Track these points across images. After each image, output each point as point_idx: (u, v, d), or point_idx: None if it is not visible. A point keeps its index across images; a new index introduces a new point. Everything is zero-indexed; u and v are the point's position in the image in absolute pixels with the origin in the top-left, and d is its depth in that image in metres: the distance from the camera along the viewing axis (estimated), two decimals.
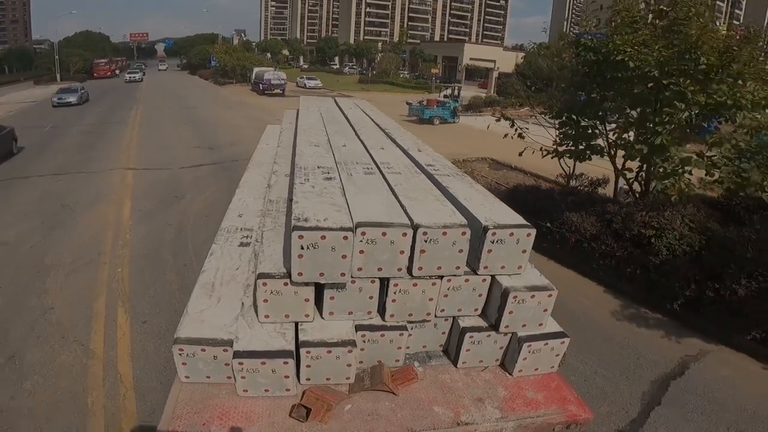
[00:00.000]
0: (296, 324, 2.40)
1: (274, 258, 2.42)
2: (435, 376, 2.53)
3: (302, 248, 2.17)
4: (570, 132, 8.88)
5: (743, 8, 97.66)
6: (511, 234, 2.42)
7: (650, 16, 7.85)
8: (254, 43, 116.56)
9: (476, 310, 2.59)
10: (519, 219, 2.53)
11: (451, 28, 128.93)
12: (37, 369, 5.71)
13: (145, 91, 44.90)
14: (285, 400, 2.26)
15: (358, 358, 2.41)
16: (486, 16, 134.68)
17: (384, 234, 2.25)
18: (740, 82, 6.85)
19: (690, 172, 7.76)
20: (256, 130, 18.53)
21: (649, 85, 7.32)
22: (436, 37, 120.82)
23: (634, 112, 7.96)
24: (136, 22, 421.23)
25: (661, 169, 7.57)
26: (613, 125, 8.73)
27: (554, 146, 9.29)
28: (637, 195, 8.98)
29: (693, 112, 7.15)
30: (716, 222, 8.12)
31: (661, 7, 7.73)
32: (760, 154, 7.27)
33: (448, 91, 31.21)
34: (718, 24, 8.78)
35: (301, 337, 2.32)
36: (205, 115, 27.72)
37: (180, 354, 2.26)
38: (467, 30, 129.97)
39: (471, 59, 68.74)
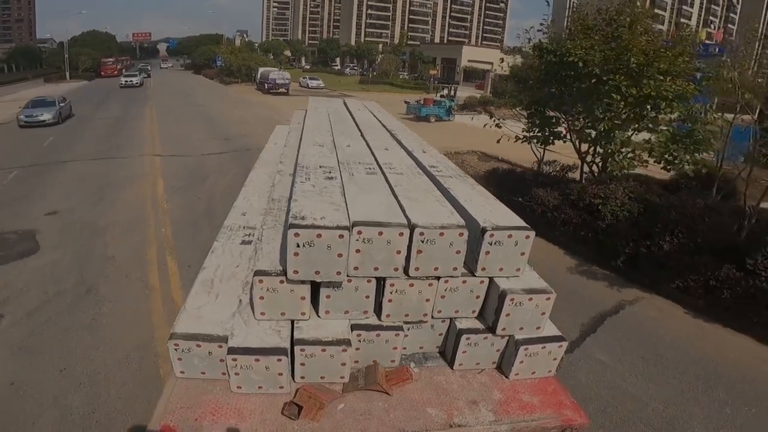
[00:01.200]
0: (292, 322, 2.43)
1: (272, 256, 2.43)
2: (430, 377, 2.55)
3: (298, 246, 2.20)
4: (536, 121, 10.61)
5: (738, 11, 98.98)
6: (510, 236, 2.42)
7: (603, 23, 9.58)
8: (257, 44, 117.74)
9: (474, 312, 2.60)
10: (518, 221, 2.53)
11: (451, 30, 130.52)
12: (110, 298, 7.35)
13: (153, 90, 46.32)
14: (278, 397, 2.29)
15: (353, 357, 2.43)
16: (486, 18, 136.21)
17: (380, 233, 2.27)
18: (661, 77, 8.55)
19: (638, 154, 9.48)
20: (264, 124, 20.39)
21: (593, 81, 9.03)
22: (437, 39, 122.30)
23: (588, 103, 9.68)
24: (137, 21, 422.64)
25: (609, 150, 9.26)
26: (572, 115, 10.45)
27: (523, 133, 11.01)
28: (596, 174, 10.66)
29: (630, 103, 8.82)
30: (657, 196, 9.79)
31: (610, 15, 9.47)
32: (689, 138, 8.99)
33: (445, 92, 32.62)
34: (661, 28, 10.45)
35: (296, 335, 2.35)
36: (216, 112, 29.37)
37: (175, 349, 2.29)
38: (467, 32, 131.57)
39: (469, 61, 70.46)
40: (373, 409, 2.30)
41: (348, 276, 2.34)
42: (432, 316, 2.55)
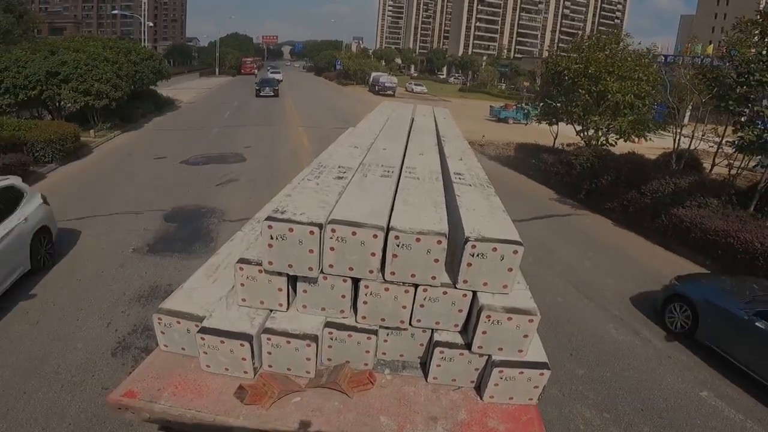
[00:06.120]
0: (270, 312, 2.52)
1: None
2: (400, 386, 2.50)
3: (272, 238, 2.28)
4: (546, 109, 16.27)
5: None
6: (495, 249, 2.31)
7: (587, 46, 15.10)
8: (371, 51, 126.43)
9: (456, 325, 2.52)
10: (510, 234, 2.41)
11: (561, 45, 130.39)
12: (287, 178, 14.20)
13: (287, 87, 55.65)
14: (242, 381, 2.39)
15: (320, 353, 2.47)
16: (600, 35, 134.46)
17: (354, 233, 2.27)
18: (608, 79, 13.82)
19: (605, 131, 14.85)
20: None
21: (570, 82, 14.52)
22: (545, 54, 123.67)
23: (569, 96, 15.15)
24: (264, 24, 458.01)
25: (586, 127, 14.73)
26: (563, 104, 15.92)
27: (537, 117, 16.72)
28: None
29: (593, 96, 14.25)
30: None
31: (592, 41, 14.98)
32: (637, 122, 14.23)
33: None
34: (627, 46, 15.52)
35: (267, 324, 2.45)
36: (336, 104, 37.67)
37: (159, 323, 2.49)
38: None
39: None
40: (326, 407, 2.29)
41: (323, 273, 2.36)
42: (411, 324, 2.50)
